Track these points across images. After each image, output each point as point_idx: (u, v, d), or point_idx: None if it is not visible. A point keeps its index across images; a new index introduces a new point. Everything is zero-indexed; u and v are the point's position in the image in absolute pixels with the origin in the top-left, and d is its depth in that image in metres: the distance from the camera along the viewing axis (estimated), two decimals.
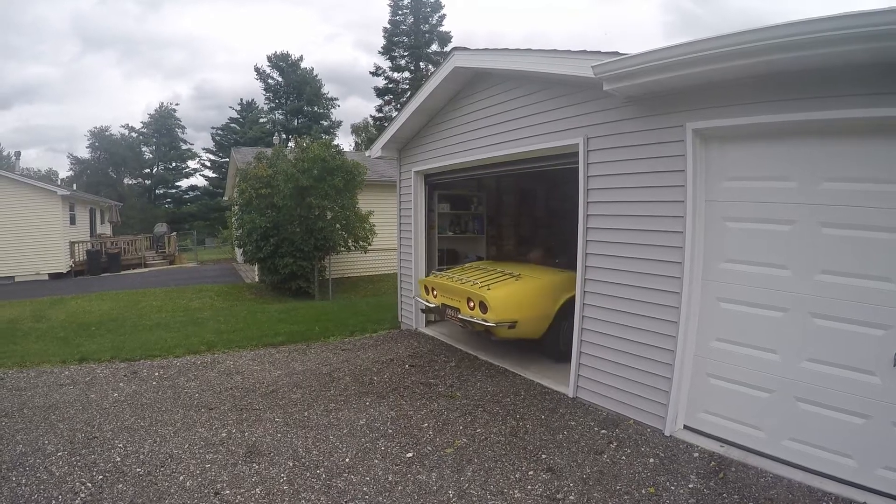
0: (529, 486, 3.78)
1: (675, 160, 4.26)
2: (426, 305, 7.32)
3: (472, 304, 6.31)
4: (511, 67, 5.69)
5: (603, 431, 4.57)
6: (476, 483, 3.85)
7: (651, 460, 4.04)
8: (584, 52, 4.74)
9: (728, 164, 4.07)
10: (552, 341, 6.36)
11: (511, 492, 3.72)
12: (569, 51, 4.89)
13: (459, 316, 6.50)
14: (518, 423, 4.83)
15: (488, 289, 6.21)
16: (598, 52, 4.59)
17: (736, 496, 3.51)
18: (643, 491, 3.64)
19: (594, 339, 5.10)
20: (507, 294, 6.18)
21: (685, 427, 4.43)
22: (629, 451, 4.21)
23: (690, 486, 3.66)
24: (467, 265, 7.70)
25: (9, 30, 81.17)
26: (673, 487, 3.66)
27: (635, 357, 4.67)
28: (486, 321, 6.01)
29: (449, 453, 4.31)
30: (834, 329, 3.59)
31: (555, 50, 5.04)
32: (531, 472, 3.97)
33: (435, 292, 7.15)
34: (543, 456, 4.21)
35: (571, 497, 3.62)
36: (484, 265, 7.64)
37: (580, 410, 5.05)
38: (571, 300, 5.79)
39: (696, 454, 4.09)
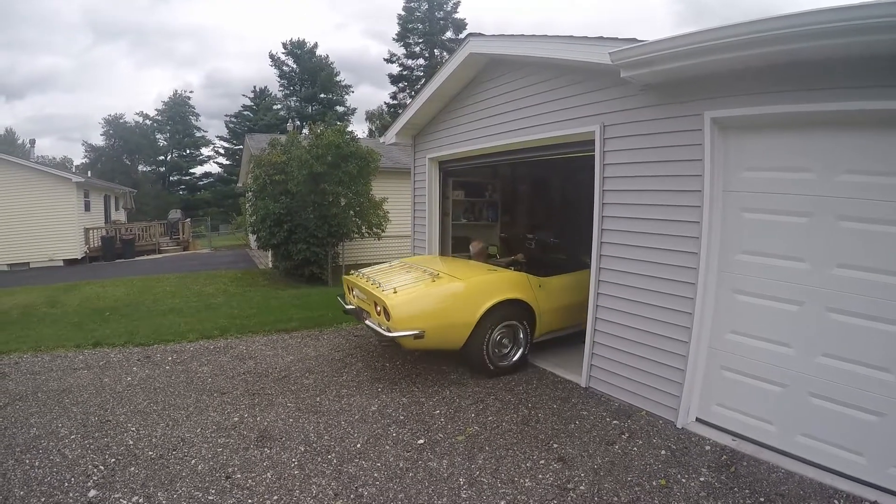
0: (540, 476, 3.80)
1: (692, 149, 4.23)
2: (345, 307, 6.51)
3: (379, 310, 5.56)
4: (527, 54, 5.66)
5: (615, 422, 4.58)
6: (487, 471, 3.88)
7: (663, 452, 4.05)
8: (602, 38, 4.70)
9: (746, 153, 4.03)
10: (476, 354, 5.60)
11: (522, 480, 3.74)
12: (585, 37, 4.85)
13: (368, 322, 5.78)
14: (530, 412, 4.85)
15: (394, 292, 5.40)
16: (616, 39, 4.56)
17: (747, 491, 3.51)
18: (654, 483, 3.65)
19: (608, 328, 5.11)
20: (412, 299, 5.40)
21: (697, 420, 4.43)
22: (641, 442, 4.22)
23: (702, 479, 3.67)
24: (395, 263, 6.97)
25: (22, 22, 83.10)
26: (684, 480, 3.66)
27: (649, 348, 4.67)
28: (389, 330, 5.29)
29: (460, 441, 4.35)
30: (849, 324, 3.56)
31: (571, 36, 5.00)
32: (542, 462, 3.99)
33: (354, 292, 6.48)
34: (555, 445, 4.23)
35: (582, 487, 3.63)
36: (417, 261, 6.98)
37: (592, 400, 5.06)
38: (499, 305, 5.58)
39: (707, 447, 4.10)
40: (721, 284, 4.23)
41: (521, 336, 5.91)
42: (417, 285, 5.62)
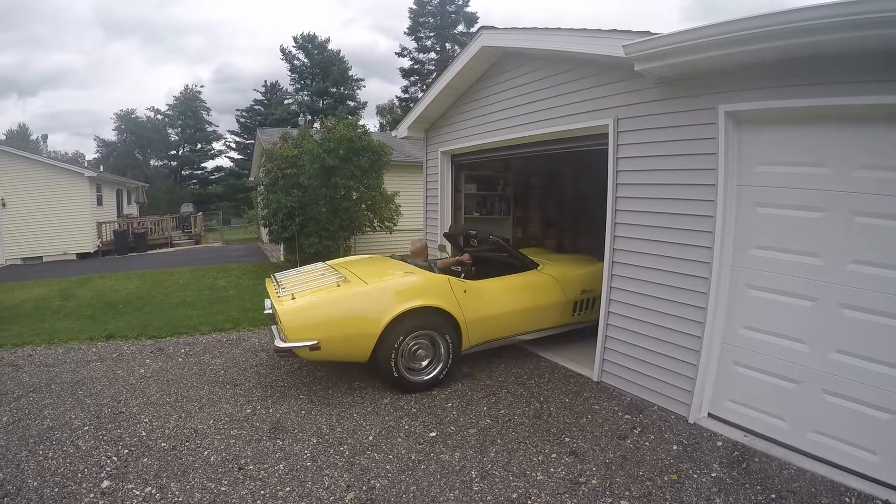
0: (552, 469, 3.84)
1: (706, 143, 4.23)
2: (266, 310, 5.83)
3: (278, 318, 5.13)
4: (539, 46, 5.66)
5: (627, 416, 4.61)
6: (499, 464, 3.92)
7: (674, 447, 4.08)
8: (615, 31, 4.70)
9: (761, 148, 4.02)
10: (384, 368, 5.11)
11: (534, 474, 3.78)
12: (599, 30, 4.85)
13: (273, 328, 5.44)
14: (542, 406, 4.89)
15: (292, 298, 5.01)
16: (629, 32, 4.55)
17: (758, 487, 3.53)
18: (666, 478, 3.68)
19: (620, 322, 5.13)
20: (308, 306, 4.97)
21: (709, 415, 4.45)
22: (653, 437, 4.25)
23: (713, 474, 3.69)
24: (319, 265, 6.46)
25: (33, 20, 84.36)
26: (696, 475, 3.69)
27: (662, 343, 4.69)
28: (284, 340, 4.87)
29: (472, 434, 4.40)
30: (863, 321, 3.55)
31: (584, 29, 5.01)
32: (554, 455, 4.03)
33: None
34: (567, 439, 4.27)
35: (594, 481, 3.67)
36: (343, 262, 6.52)
37: (604, 394, 5.10)
38: (411, 313, 5.08)
39: (719, 443, 4.12)
40: (734, 279, 4.23)
41: (442, 349, 5.34)
42: (319, 291, 5.17)
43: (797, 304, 3.88)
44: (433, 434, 4.40)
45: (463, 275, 6.10)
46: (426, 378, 5.31)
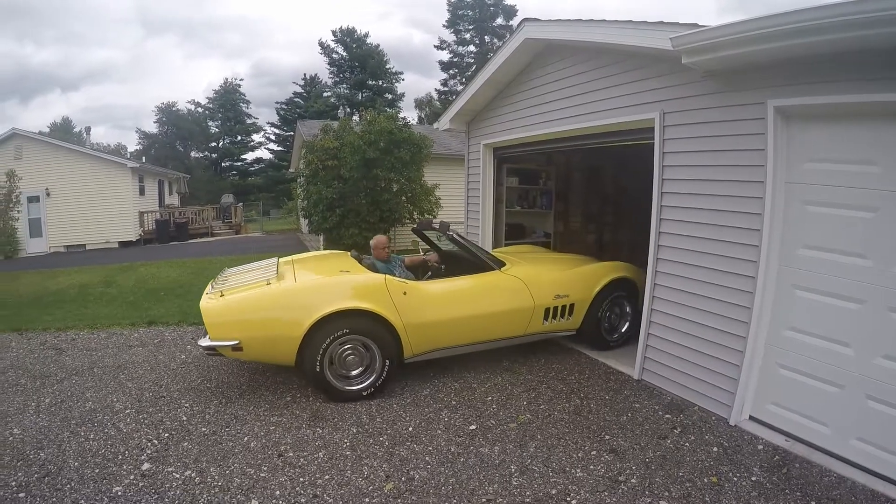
0: (592, 467, 3.87)
1: (754, 139, 4.20)
2: None
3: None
4: (584, 39, 5.68)
5: (667, 416, 4.63)
6: (538, 459, 3.97)
7: (715, 449, 4.07)
8: (661, 23, 4.68)
9: (810, 144, 3.97)
10: (310, 373, 4.88)
11: (573, 471, 3.82)
12: (645, 22, 4.84)
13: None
14: (582, 402, 4.95)
15: (221, 295, 4.86)
16: (676, 24, 4.53)
17: (798, 493, 3.50)
18: (705, 480, 3.67)
19: (663, 320, 5.14)
20: (231, 304, 4.81)
21: (750, 417, 4.42)
22: (693, 437, 4.26)
23: (753, 478, 3.68)
24: (277, 260, 6.00)
25: (73, 18, 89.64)
26: (736, 479, 3.68)
27: (705, 342, 4.68)
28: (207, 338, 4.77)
29: (512, 428, 4.47)
30: None
31: (630, 21, 4.99)
32: (594, 453, 4.06)
33: None
34: (606, 437, 4.30)
35: (633, 480, 3.69)
36: (295, 259, 6.35)
37: (644, 393, 5.12)
38: (339, 316, 4.81)
39: (760, 446, 4.10)
40: (781, 279, 4.19)
41: (378, 356, 5.04)
42: (249, 288, 4.96)
43: (844, 306, 3.82)
44: (473, 427, 4.48)
45: (430, 274, 5.88)
46: (356, 388, 5.01)
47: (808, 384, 4.05)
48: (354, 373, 5.04)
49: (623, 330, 6.42)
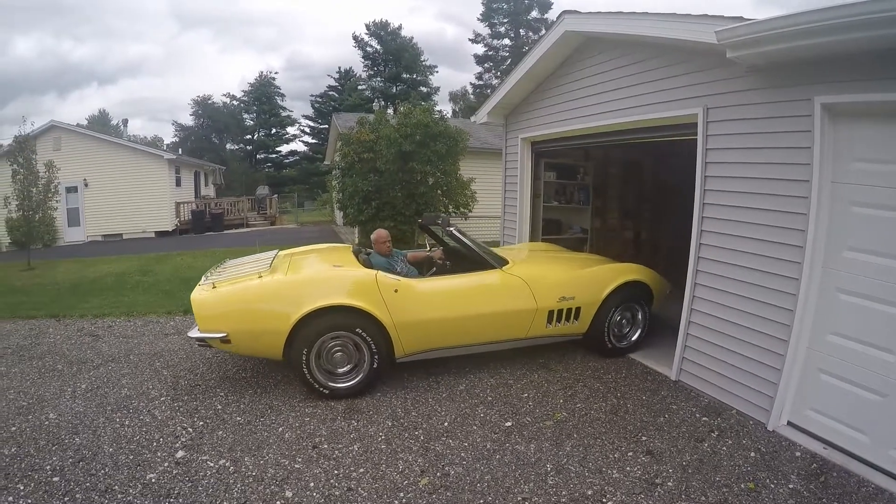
0: (628, 468, 3.86)
1: (800, 136, 4.11)
2: None
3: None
4: (625, 31, 5.63)
5: (704, 419, 4.59)
6: (574, 459, 3.98)
7: (752, 454, 4.03)
8: (705, 16, 4.61)
9: (857, 143, 3.87)
10: (297, 369, 4.87)
11: (609, 471, 3.82)
12: (688, 15, 4.76)
13: None
14: (618, 402, 4.94)
15: (213, 287, 4.91)
16: (721, 17, 4.46)
17: (836, 503, 3.45)
18: (742, 485, 3.64)
19: (702, 321, 5.08)
20: (221, 296, 4.84)
21: (789, 423, 4.35)
22: (730, 441, 4.21)
23: (790, 486, 3.62)
24: (280, 253, 6.07)
25: (109, 14, 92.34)
26: (773, 486, 3.63)
27: (745, 344, 4.62)
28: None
29: (548, 426, 4.48)
30: None
31: (673, 13, 4.93)
32: (630, 454, 4.05)
33: None
34: (643, 438, 4.29)
35: (670, 483, 3.67)
36: (296, 252, 6.29)
37: (682, 394, 5.08)
38: (326, 312, 4.76)
39: (797, 453, 4.03)
40: (825, 282, 4.09)
41: (366, 355, 4.98)
42: (240, 281, 4.98)
43: (889, 311, 3.71)
44: (509, 424, 4.51)
45: (434, 270, 5.77)
46: (343, 386, 4.97)
47: (848, 391, 3.95)
48: (342, 370, 5.02)
49: (634, 338, 6.17)
